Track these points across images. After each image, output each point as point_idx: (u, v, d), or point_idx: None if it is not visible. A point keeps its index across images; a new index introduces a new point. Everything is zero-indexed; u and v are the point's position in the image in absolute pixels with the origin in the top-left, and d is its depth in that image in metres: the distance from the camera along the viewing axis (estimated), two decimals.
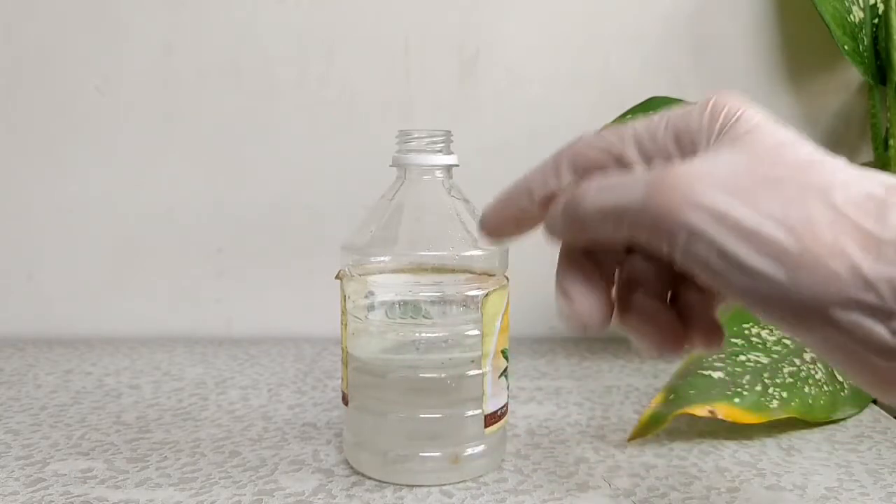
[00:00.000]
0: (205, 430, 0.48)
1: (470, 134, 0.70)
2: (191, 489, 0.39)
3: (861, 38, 0.59)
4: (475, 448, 0.41)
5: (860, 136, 0.71)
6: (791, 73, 0.71)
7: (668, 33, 0.71)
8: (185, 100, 0.72)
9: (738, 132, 0.23)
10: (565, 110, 0.71)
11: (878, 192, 0.20)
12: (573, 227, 0.25)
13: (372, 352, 0.41)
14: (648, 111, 0.55)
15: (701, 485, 0.40)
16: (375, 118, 0.71)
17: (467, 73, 0.71)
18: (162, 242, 0.73)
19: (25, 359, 0.65)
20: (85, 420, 0.50)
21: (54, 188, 0.72)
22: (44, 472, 0.41)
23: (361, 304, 0.41)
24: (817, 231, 0.20)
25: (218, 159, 0.72)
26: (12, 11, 0.70)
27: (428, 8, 0.70)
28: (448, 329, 0.40)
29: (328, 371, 0.61)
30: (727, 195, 0.21)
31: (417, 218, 0.41)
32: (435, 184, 0.41)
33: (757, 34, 0.70)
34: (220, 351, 0.68)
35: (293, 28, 0.71)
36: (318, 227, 0.73)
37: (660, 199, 0.21)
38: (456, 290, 0.40)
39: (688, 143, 0.24)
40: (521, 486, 0.40)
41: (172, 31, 0.71)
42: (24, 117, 0.72)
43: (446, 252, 0.40)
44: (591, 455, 0.44)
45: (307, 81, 0.71)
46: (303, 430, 0.48)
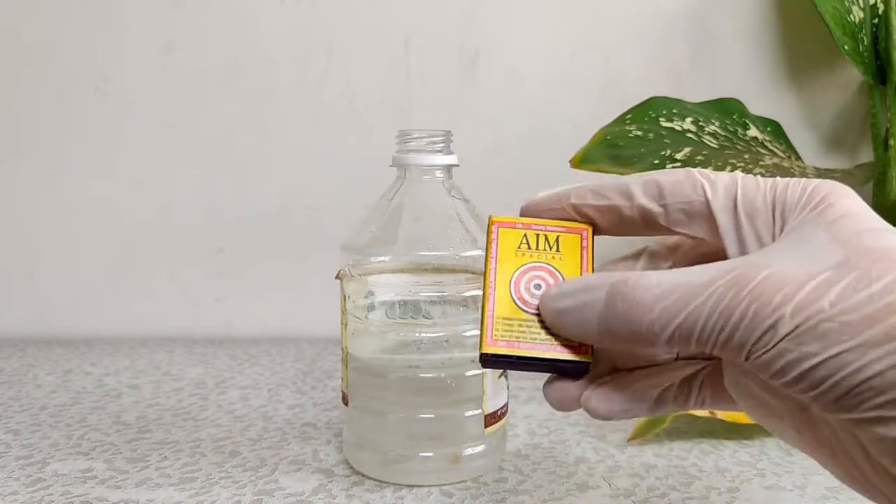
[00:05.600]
0: (205, 430, 0.48)
1: (470, 134, 0.70)
2: (191, 489, 0.39)
3: (861, 38, 0.59)
4: (475, 448, 0.41)
5: (860, 136, 0.71)
6: (791, 73, 0.71)
7: (668, 33, 0.71)
8: (185, 99, 0.72)
9: (831, 216, 0.22)
10: (565, 110, 0.71)
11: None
12: (613, 339, 0.23)
13: (372, 352, 0.41)
14: (648, 111, 0.55)
15: (701, 485, 0.40)
16: (375, 118, 0.71)
17: (467, 73, 0.71)
18: (162, 242, 0.73)
19: (25, 359, 0.65)
20: (85, 420, 0.50)
21: (54, 188, 0.72)
22: (44, 472, 0.41)
23: (361, 304, 0.41)
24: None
25: (218, 159, 0.72)
26: (12, 11, 0.70)
27: (428, 8, 0.71)
28: (448, 329, 0.40)
29: (328, 371, 0.61)
30: (814, 293, 0.20)
31: (417, 218, 0.41)
32: (435, 184, 0.41)
33: (757, 34, 0.70)
34: (220, 351, 0.68)
35: (293, 28, 0.71)
36: (318, 227, 0.73)
37: (749, 305, 0.20)
38: (456, 290, 0.40)
39: (778, 219, 0.23)
40: (521, 486, 0.40)
41: (173, 31, 0.71)
42: (24, 117, 0.72)
43: (446, 252, 0.40)
44: (591, 455, 0.44)
45: (307, 81, 0.71)
46: (303, 430, 0.48)
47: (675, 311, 0.21)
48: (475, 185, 0.46)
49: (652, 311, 0.22)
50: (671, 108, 0.56)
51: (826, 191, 0.23)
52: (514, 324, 0.25)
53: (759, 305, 0.20)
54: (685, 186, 0.24)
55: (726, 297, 0.20)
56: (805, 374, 0.20)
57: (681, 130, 0.54)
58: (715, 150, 0.53)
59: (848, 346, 0.19)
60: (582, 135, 0.53)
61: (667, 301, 0.21)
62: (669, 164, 0.50)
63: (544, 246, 0.25)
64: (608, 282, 0.23)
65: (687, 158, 0.51)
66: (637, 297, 0.22)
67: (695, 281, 0.21)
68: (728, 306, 0.20)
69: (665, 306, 0.21)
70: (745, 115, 0.59)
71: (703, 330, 0.21)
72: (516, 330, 0.24)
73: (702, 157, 0.51)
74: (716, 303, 0.21)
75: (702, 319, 0.21)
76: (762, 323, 0.20)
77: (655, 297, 0.22)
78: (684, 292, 0.21)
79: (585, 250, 0.26)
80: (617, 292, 0.22)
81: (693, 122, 0.55)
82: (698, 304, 0.21)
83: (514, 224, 0.26)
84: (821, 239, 0.21)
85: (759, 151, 0.56)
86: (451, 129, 0.42)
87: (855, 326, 0.19)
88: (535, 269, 0.25)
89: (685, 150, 0.52)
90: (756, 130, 0.58)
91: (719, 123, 0.57)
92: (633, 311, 0.22)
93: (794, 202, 0.23)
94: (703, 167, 0.50)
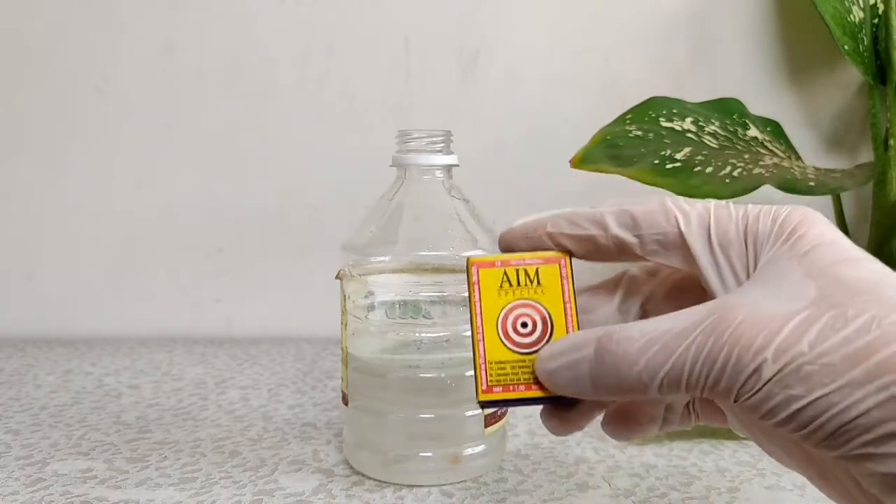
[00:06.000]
0: (205, 430, 0.48)
1: (470, 134, 0.70)
2: (191, 489, 0.39)
3: (861, 38, 0.59)
4: (475, 448, 0.41)
5: (860, 136, 0.71)
6: (791, 73, 0.71)
7: (668, 33, 0.71)
8: (185, 99, 0.72)
9: (803, 248, 0.22)
10: (565, 110, 0.71)
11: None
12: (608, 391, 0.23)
13: (372, 352, 0.41)
14: (648, 111, 0.55)
15: (701, 485, 0.40)
16: (375, 118, 0.71)
17: (467, 73, 0.71)
18: (162, 242, 0.73)
19: (25, 359, 0.65)
20: (85, 420, 0.50)
21: (54, 188, 0.72)
22: (44, 472, 0.41)
23: (361, 304, 0.41)
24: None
25: (218, 159, 0.72)
26: (12, 11, 0.70)
27: (428, 8, 0.70)
28: (448, 329, 0.40)
29: (328, 371, 0.61)
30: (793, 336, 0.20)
31: (417, 218, 0.41)
32: (435, 184, 0.41)
33: (757, 34, 0.70)
34: (220, 351, 0.67)
35: (293, 28, 0.71)
36: (318, 227, 0.73)
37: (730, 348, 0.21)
38: (456, 290, 0.40)
39: (751, 249, 0.23)
40: (521, 486, 0.40)
41: (173, 31, 0.71)
42: (24, 117, 0.72)
43: (446, 252, 0.40)
44: (591, 455, 0.44)
45: (307, 81, 0.71)
46: (303, 430, 0.48)
47: (659, 363, 0.22)
48: (475, 185, 0.46)
49: (638, 364, 0.22)
50: (671, 108, 0.55)
51: (797, 220, 0.23)
52: (507, 366, 0.25)
53: (740, 350, 0.20)
54: (659, 217, 0.25)
55: (707, 345, 0.21)
56: (793, 416, 0.20)
57: (681, 130, 0.54)
58: (715, 150, 0.53)
59: (831, 388, 0.19)
60: (582, 135, 0.53)
61: (650, 353, 0.22)
62: (669, 164, 0.50)
63: (525, 281, 0.26)
64: (594, 338, 0.23)
65: (687, 158, 0.51)
66: (622, 351, 0.22)
67: (676, 330, 0.22)
68: (710, 354, 0.21)
69: (649, 358, 0.22)
70: (745, 115, 0.58)
71: (689, 378, 0.21)
72: (509, 373, 0.25)
73: (702, 157, 0.51)
74: (697, 351, 0.21)
75: (686, 368, 0.21)
76: (745, 368, 0.20)
77: (640, 350, 0.22)
78: (666, 342, 0.22)
79: (565, 279, 0.26)
80: (603, 348, 0.23)
81: (693, 122, 0.55)
82: (681, 354, 0.21)
83: (493, 263, 0.26)
84: (794, 274, 0.21)
85: (759, 151, 0.56)
86: (451, 129, 0.42)
87: (836, 368, 0.19)
88: (519, 306, 0.26)
89: (685, 150, 0.52)
90: (756, 130, 0.58)
91: (719, 123, 0.56)
92: (621, 365, 0.22)
93: (765, 234, 0.23)
94: (703, 167, 0.50)
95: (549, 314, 0.26)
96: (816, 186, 0.50)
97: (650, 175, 0.49)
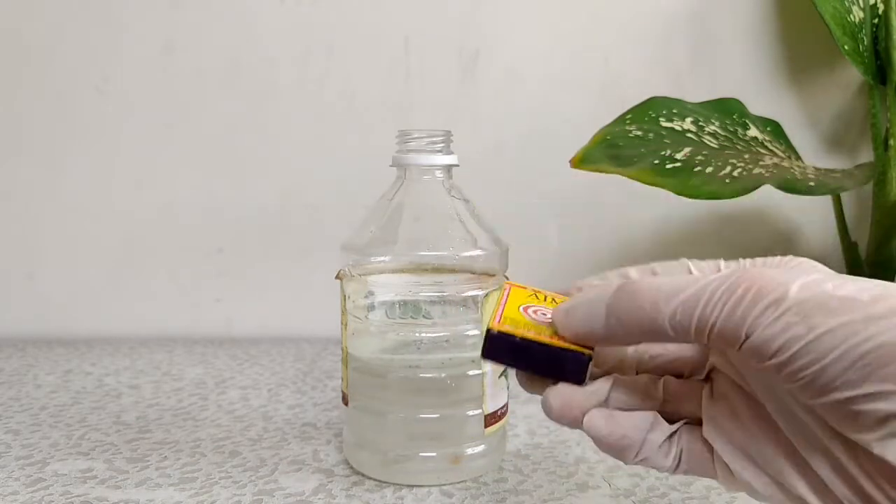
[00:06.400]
0: (205, 430, 0.48)
1: (470, 134, 0.70)
2: (191, 489, 0.39)
3: (861, 38, 0.59)
4: (475, 448, 0.41)
5: (860, 136, 0.71)
6: (791, 73, 0.71)
7: (668, 33, 0.71)
8: (185, 99, 0.72)
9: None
10: (565, 110, 0.71)
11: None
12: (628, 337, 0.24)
13: (372, 352, 0.41)
14: (648, 111, 0.55)
15: (701, 485, 0.40)
16: (375, 118, 0.71)
17: (467, 73, 0.71)
18: (162, 242, 0.73)
19: (25, 359, 0.65)
20: (85, 420, 0.50)
21: (54, 188, 0.72)
22: (44, 472, 0.41)
23: (361, 304, 0.41)
24: None
25: (218, 159, 0.72)
26: (12, 11, 0.70)
27: (428, 8, 0.70)
28: (448, 329, 0.40)
29: (328, 371, 0.61)
30: (815, 281, 0.21)
31: (417, 218, 0.41)
32: (435, 184, 0.41)
33: (757, 34, 0.70)
34: (220, 351, 0.67)
35: (293, 28, 0.71)
36: (318, 227, 0.73)
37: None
38: (456, 290, 0.40)
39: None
40: (521, 486, 0.40)
41: (172, 31, 0.71)
42: (24, 117, 0.72)
43: (446, 252, 0.40)
44: (591, 455, 0.44)
45: (307, 81, 0.71)
46: (303, 430, 0.48)
47: (677, 290, 0.22)
48: (475, 185, 0.46)
49: (659, 291, 0.23)
50: (671, 108, 0.55)
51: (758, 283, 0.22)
52: (521, 322, 0.26)
53: (763, 283, 0.21)
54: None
55: (731, 277, 0.22)
56: (809, 347, 0.20)
57: (681, 130, 0.54)
58: (715, 150, 0.53)
59: (854, 317, 0.20)
60: (582, 135, 0.53)
61: (671, 285, 0.23)
62: (669, 164, 0.50)
63: (551, 303, 0.28)
64: (616, 283, 0.25)
65: (687, 158, 0.51)
66: (644, 283, 0.23)
67: (694, 277, 0.23)
68: (733, 283, 0.21)
69: (668, 289, 0.23)
70: (745, 115, 0.58)
71: (706, 306, 0.22)
72: (522, 327, 0.26)
73: (702, 157, 0.51)
74: (721, 281, 0.22)
75: (706, 294, 0.22)
76: (766, 297, 0.21)
77: (661, 283, 0.23)
78: (689, 279, 0.23)
79: None
80: (625, 284, 0.24)
81: (693, 122, 0.55)
82: (704, 283, 0.22)
83: (526, 287, 0.28)
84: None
85: (759, 151, 0.56)
86: (451, 129, 0.42)
87: (862, 303, 0.20)
88: (542, 308, 0.27)
89: (685, 150, 0.52)
90: (756, 130, 0.58)
91: (719, 123, 0.56)
92: (640, 294, 0.23)
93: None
94: (703, 167, 0.50)
95: None
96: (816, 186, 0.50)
97: (650, 175, 0.49)
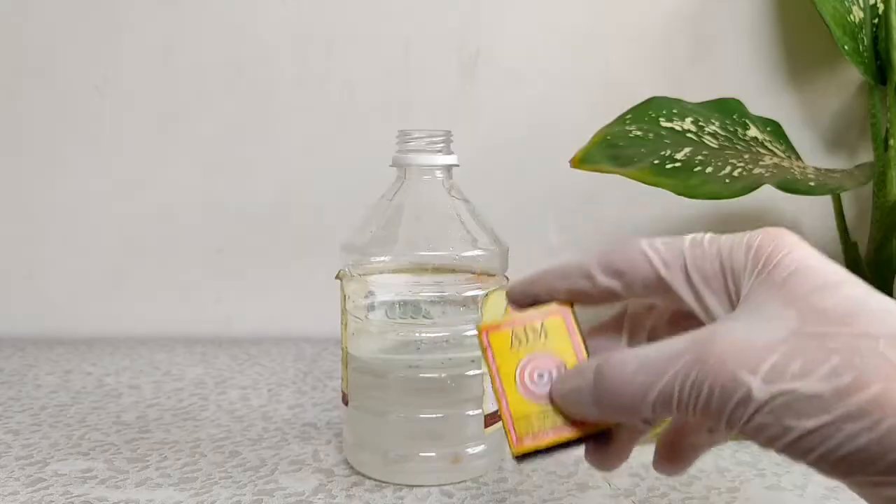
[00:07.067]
0: (205, 430, 0.48)
1: (470, 134, 0.70)
2: (191, 489, 0.39)
3: (861, 38, 0.59)
4: (475, 448, 0.41)
5: (860, 136, 0.71)
6: (791, 73, 0.71)
7: (668, 33, 0.70)
8: (185, 100, 0.72)
9: (780, 276, 0.22)
10: (565, 110, 0.71)
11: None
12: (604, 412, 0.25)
13: (372, 352, 0.41)
14: (648, 111, 0.55)
15: (701, 485, 0.40)
16: (375, 118, 0.71)
17: (467, 73, 0.71)
18: (162, 242, 0.73)
19: (25, 359, 0.65)
20: (85, 420, 0.50)
21: (54, 188, 0.72)
22: (44, 472, 0.41)
23: (361, 304, 0.41)
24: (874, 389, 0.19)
25: (218, 159, 0.72)
26: (13, 11, 0.70)
27: (428, 8, 0.70)
28: (448, 329, 0.40)
29: (328, 371, 0.61)
30: (778, 366, 0.20)
31: (417, 218, 0.41)
32: (435, 184, 0.41)
33: (757, 34, 0.70)
34: (220, 351, 0.67)
35: (293, 28, 0.71)
36: (318, 227, 0.73)
37: (716, 374, 0.21)
38: (456, 290, 0.40)
39: (731, 282, 0.24)
40: (521, 486, 0.40)
41: (172, 31, 0.71)
42: (24, 117, 0.72)
43: (446, 252, 0.40)
44: None
45: (307, 81, 0.71)
46: (303, 430, 0.48)
47: (650, 384, 0.23)
48: (475, 185, 0.46)
49: (632, 385, 0.23)
50: (671, 108, 0.55)
51: (770, 247, 0.23)
52: (532, 417, 0.26)
53: (724, 379, 0.21)
54: (639, 263, 0.25)
55: (693, 372, 0.22)
56: (792, 444, 0.20)
57: (681, 130, 0.54)
58: (715, 150, 0.53)
59: (824, 420, 0.20)
60: (582, 135, 0.53)
61: (642, 376, 0.23)
62: (669, 164, 0.50)
63: (533, 337, 0.27)
64: (594, 364, 0.25)
65: (687, 158, 0.51)
66: (617, 374, 0.24)
67: (664, 355, 0.23)
68: (697, 380, 0.22)
69: (642, 380, 0.23)
70: (745, 115, 0.58)
71: (679, 400, 0.22)
72: (536, 423, 0.26)
73: (702, 157, 0.51)
74: (685, 376, 0.22)
75: (675, 391, 0.22)
76: (732, 396, 0.21)
77: (633, 373, 0.23)
78: (656, 366, 0.23)
79: (571, 327, 0.27)
80: (600, 373, 0.24)
81: (693, 122, 0.55)
82: (670, 377, 0.22)
83: (500, 326, 0.28)
84: (774, 304, 0.22)
85: (759, 151, 0.56)
86: (451, 129, 0.42)
87: (827, 401, 0.20)
88: (532, 360, 0.27)
89: (685, 150, 0.52)
90: (756, 130, 0.58)
91: (719, 123, 0.56)
92: (616, 387, 0.24)
93: (741, 267, 0.24)
94: (703, 167, 0.50)
95: (561, 360, 0.27)
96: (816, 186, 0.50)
97: (650, 175, 0.49)
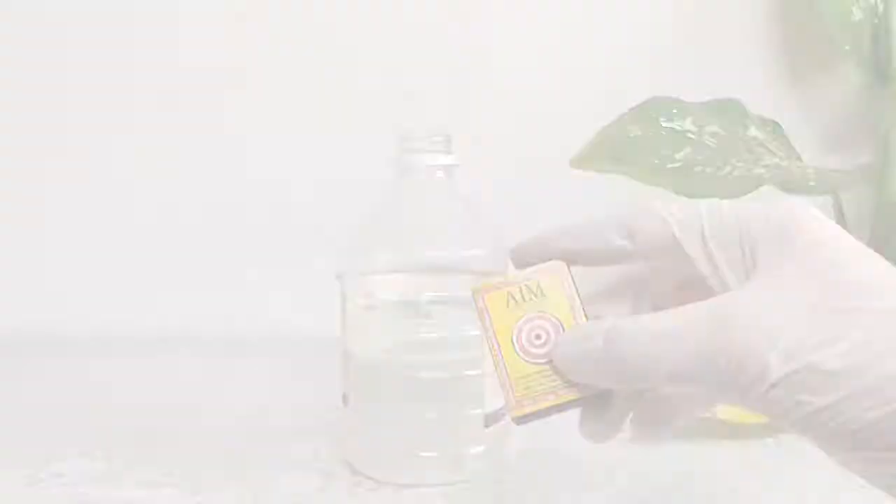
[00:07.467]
0: (205, 430, 0.48)
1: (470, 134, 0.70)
2: (191, 489, 0.39)
3: (861, 38, 0.59)
4: (475, 448, 0.41)
5: (860, 136, 0.71)
6: (791, 73, 0.71)
7: (668, 33, 0.70)
8: (186, 99, 0.71)
9: (800, 248, 0.22)
10: (565, 110, 0.71)
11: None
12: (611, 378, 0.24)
13: (372, 351, 0.41)
14: (648, 111, 0.55)
15: (701, 485, 0.40)
16: (375, 118, 0.71)
17: (467, 74, 0.71)
18: (162, 242, 0.73)
19: (25, 359, 0.65)
20: (85, 420, 0.50)
21: (54, 188, 0.72)
22: (44, 472, 0.41)
23: (361, 304, 0.41)
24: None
25: (218, 159, 0.72)
26: (13, 11, 0.70)
27: (428, 7, 0.70)
28: (448, 329, 0.40)
29: (328, 371, 0.61)
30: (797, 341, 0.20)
31: (417, 218, 0.41)
32: (435, 184, 0.41)
33: (757, 34, 0.70)
34: (220, 351, 0.67)
35: (292, 28, 0.71)
36: (318, 227, 0.72)
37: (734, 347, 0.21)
38: (456, 290, 0.40)
39: (748, 251, 0.23)
40: (521, 486, 0.40)
41: (172, 31, 0.71)
42: (24, 117, 0.72)
43: (446, 252, 0.40)
44: (591, 455, 0.44)
45: (307, 81, 0.71)
46: (303, 429, 0.48)
47: (664, 353, 0.22)
48: (475, 185, 0.46)
49: (645, 354, 0.22)
50: (671, 108, 0.55)
51: (790, 219, 0.23)
52: (530, 379, 0.26)
53: (741, 354, 0.21)
54: (654, 224, 0.25)
55: (712, 342, 0.21)
56: (804, 420, 0.20)
57: (681, 130, 0.54)
58: (715, 150, 0.53)
59: (837, 396, 0.20)
60: (582, 135, 0.53)
61: (657, 344, 0.22)
62: (669, 164, 0.50)
63: (529, 296, 0.27)
64: (603, 328, 0.24)
65: (687, 158, 0.51)
66: (628, 341, 0.23)
67: (680, 324, 0.22)
68: (715, 351, 0.21)
69: (656, 349, 0.22)
70: (745, 115, 0.58)
71: (694, 372, 0.22)
72: (534, 385, 0.26)
73: (702, 157, 0.51)
74: (702, 346, 0.21)
75: (690, 362, 0.22)
76: (749, 371, 0.21)
77: (647, 342, 0.23)
78: (672, 335, 0.22)
79: (567, 285, 0.27)
80: (610, 339, 0.23)
81: (693, 122, 0.55)
82: (686, 347, 0.22)
83: (496, 287, 0.27)
84: (794, 277, 0.22)
85: (759, 151, 0.56)
86: (451, 128, 0.42)
87: (840, 378, 0.20)
88: (529, 320, 0.27)
89: (685, 150, 0.52)
90: (756, 130, 0.58)
91: (719, 123, 0.56)
92: (628, 354, 0.23)
93: (760, 234, 0.23)
94: (704, 167, 0.50)
95: (558, 320, 0.26)
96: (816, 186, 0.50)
97: (650, 175, 0.49)
